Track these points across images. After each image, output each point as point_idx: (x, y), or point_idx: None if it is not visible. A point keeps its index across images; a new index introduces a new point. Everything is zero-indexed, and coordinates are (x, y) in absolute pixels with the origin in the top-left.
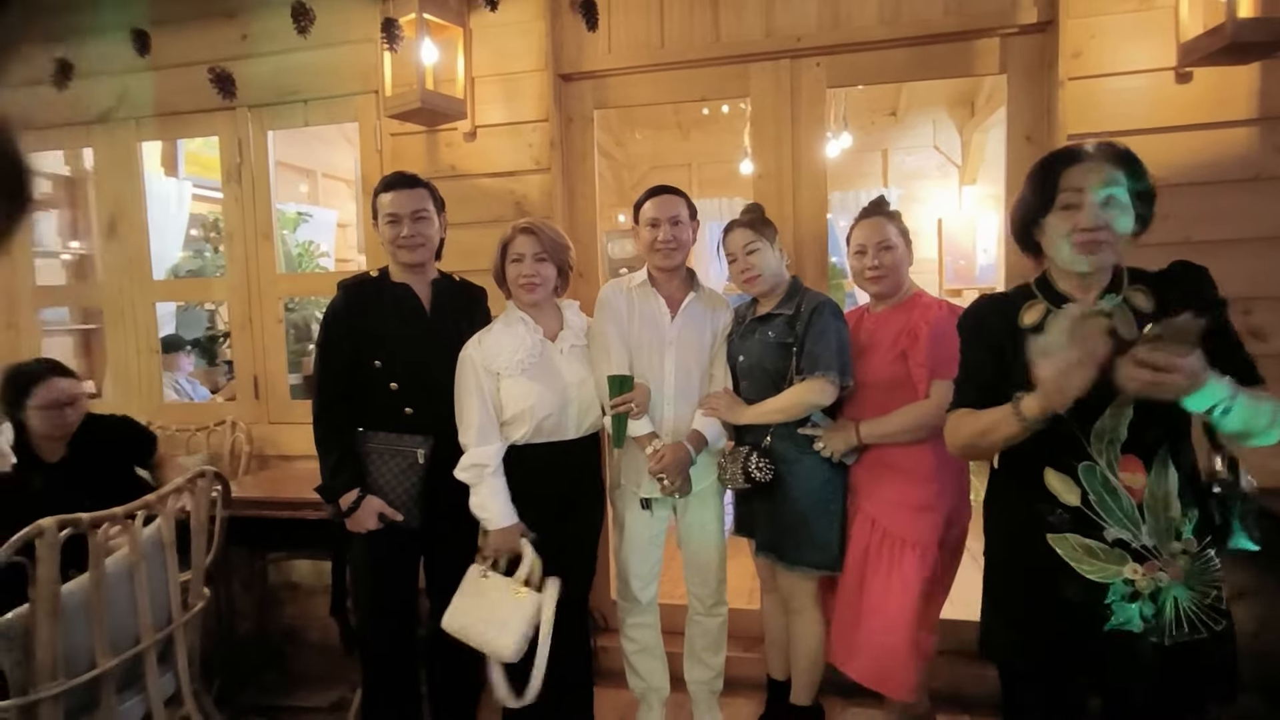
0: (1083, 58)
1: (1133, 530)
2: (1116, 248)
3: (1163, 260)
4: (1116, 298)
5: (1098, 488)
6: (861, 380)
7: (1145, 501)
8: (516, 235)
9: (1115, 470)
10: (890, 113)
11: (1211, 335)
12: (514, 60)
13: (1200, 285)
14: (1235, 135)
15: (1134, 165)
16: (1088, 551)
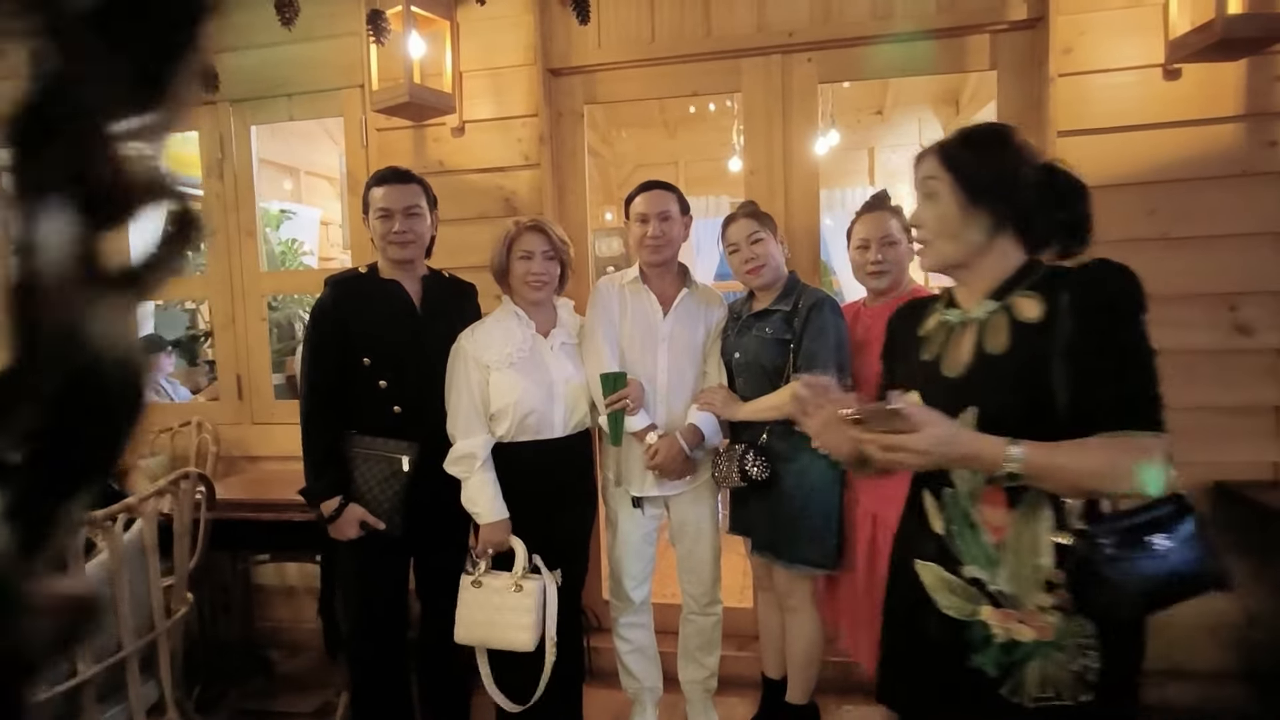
0: (1073, 54)
1: (988, 571)
2: (938, 248)
3: (1154, 257)
4: (995, 305)
5: (957, 518)
6: (858, 376)
7: (1007, 542)
8: (524, 232)
9: (976, 502)
10: (876, 111)
11: (1088, 353)
12: (503, 54)
13: (1105, 290)
14: (1222, 131)
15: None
16: (947, 585)
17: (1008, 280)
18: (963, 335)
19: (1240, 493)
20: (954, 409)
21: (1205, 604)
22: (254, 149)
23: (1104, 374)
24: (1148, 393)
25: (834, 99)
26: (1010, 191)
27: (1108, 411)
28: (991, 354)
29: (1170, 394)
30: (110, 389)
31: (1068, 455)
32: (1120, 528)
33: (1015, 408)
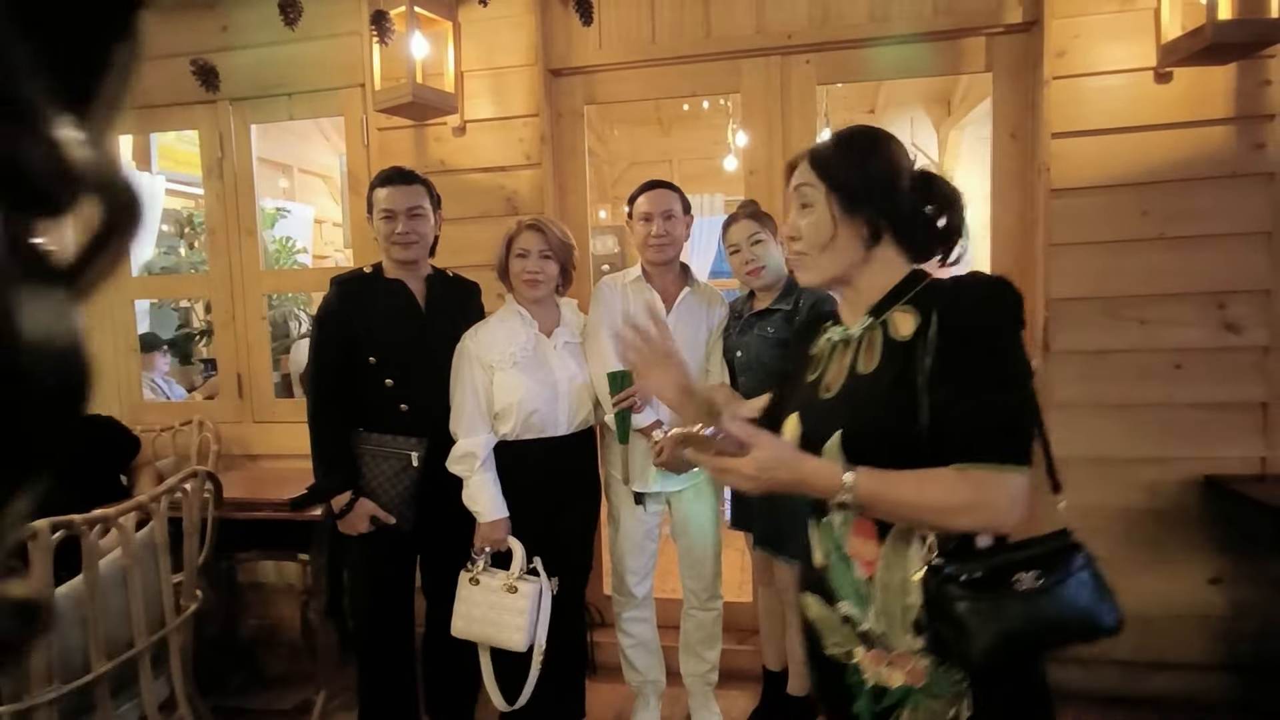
0: (1066, 57)
1: (860, 609)
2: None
3: (1147, 257)
4: (871, 321)
5: (832, 549)
6: None
7: (877, 577)
8: (523, 231)
9: (847, 532)
10: (869, 110)
11: (946, 376)
12: (504, 55)
13: (972, 307)
14: (1213, 134)
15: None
16: (828, 623)
17: (889, 294)
18: (843, 354)
19: (1228, 486)
20: (825, 432)
21: (1192, 596)
22: (254, 148)
23: (960, 399)
24: (1005, 423)
25: (827, 99)
26: (889, 198)
27: (960, 440)
28: (861, 373)
29: (1162, 391)
30: (45, 385)
31: (908, 487)
32: (984, 565)
33: (878, 431)
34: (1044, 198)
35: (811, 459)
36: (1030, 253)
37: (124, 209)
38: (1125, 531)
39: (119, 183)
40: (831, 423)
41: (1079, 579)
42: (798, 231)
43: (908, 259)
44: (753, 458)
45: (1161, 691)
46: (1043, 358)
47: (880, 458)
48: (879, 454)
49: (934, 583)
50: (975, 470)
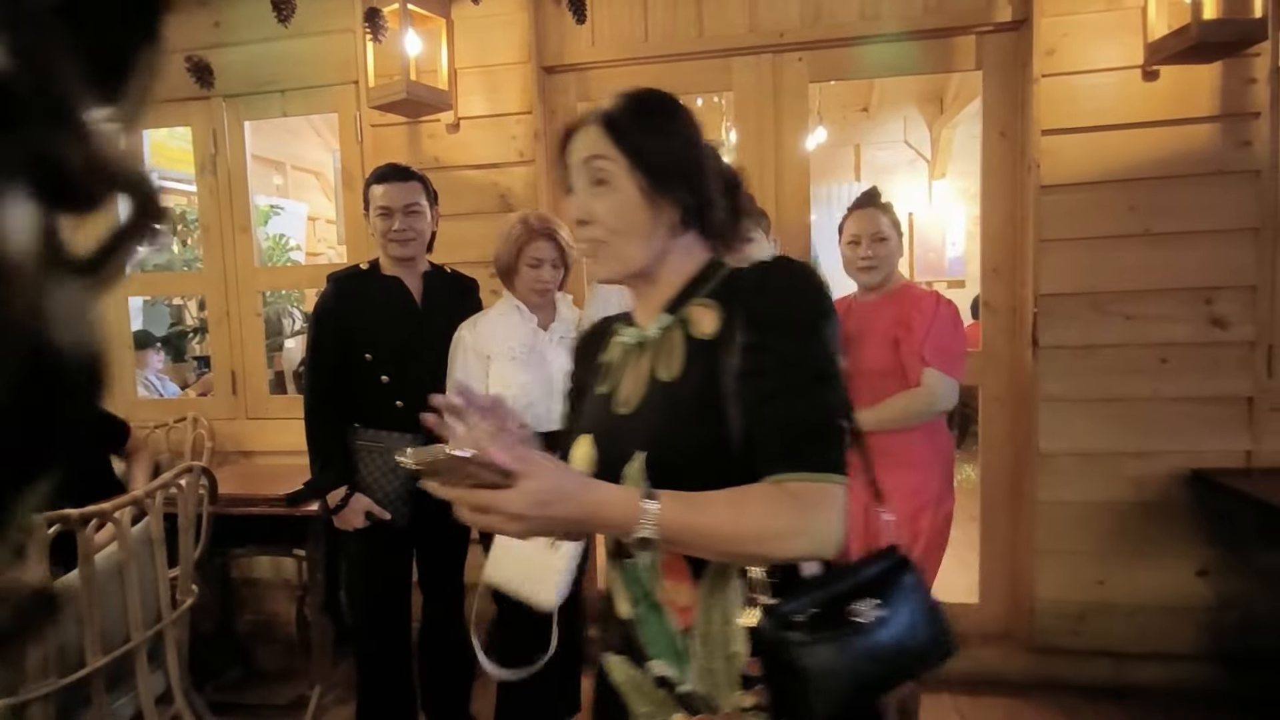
0: (1055, 55)
1: (676, 667)
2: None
3: (1135, 252)
4: (670, 319)
5: (640, 597)
6: (852, 369)
7: (695, 626)
8: (537, 239)
9: (657, 575)
10: (862, 109)
11: (752, 374)
12: (497, 52)
13: (776, 296)
14: (1199, 131)
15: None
16: (637, 686)
17: (687, 286)
18: (639, 360)
19: (1215, 480)
20: (624, 454)
21: (1180, 588)
22: (247, 145)
23: (771, 400)
24: (819, 426)
25: (821, 97)
26: (699, 175)
27: (773, 448)
28: (663, 381)
29: (1149, 385)
30: (67, 376)
31: (722, 511)
32: (818, 599)
33: (688, 448)
34: (1034, 194)
35: (601, 487)
36: (1020, 249)
37: (147, 205)
38: (1113, 525)
39: (144, 180)
40: (631, 442)
41: (915, 602)
42: (592, 214)
43: (706, 246)
44: (520, 490)
45: (1150, 682)
46: (1033, 353)
47: (693, 481)
48: (691, 476)
49: (770, 628)
50: (795, 481)
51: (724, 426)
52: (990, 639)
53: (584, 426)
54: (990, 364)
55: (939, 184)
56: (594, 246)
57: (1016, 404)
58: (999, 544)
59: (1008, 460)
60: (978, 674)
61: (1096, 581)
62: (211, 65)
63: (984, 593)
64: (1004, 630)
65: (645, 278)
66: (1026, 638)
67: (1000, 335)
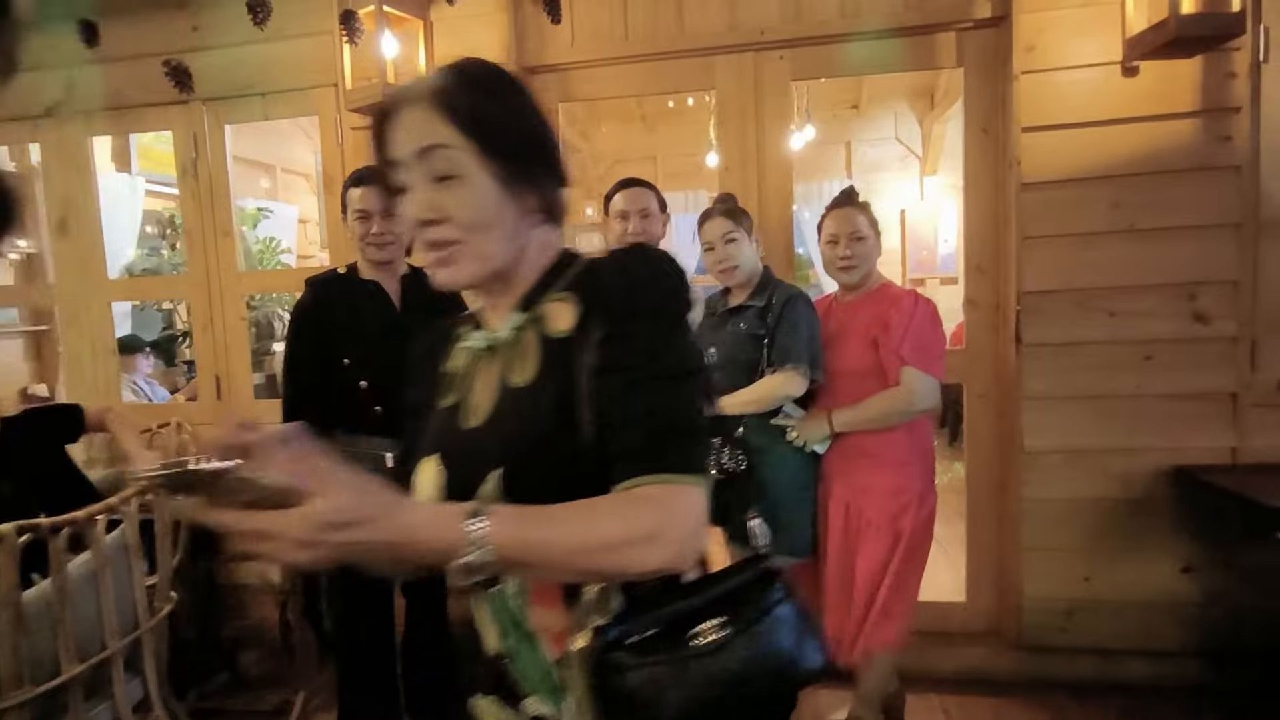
0: (1035, 52)
1: (552, 702)
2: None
3: (1118, 249)
4: (523, 318)
5: (509, 627)
6: (833, 369)
7: (570, 656)
8: None
9: (526, 600)
10: (852, 105)
11: (606, 370)
12: (476, 52)
13: (630, 286)
14: (1180, 127)
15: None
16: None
17: (541, 281)
18: (489, 366)
19: (1199, 476)
20: (477, 473)
21: (1165, 584)
22: (228, 148)
23: (627, 396)
24: (676, 423)
25: (810, 94)
26: (553, 153)
27: (629, 448)
28: (516, 387)
29: (1132, 382)
30: None
31: (568, 523)
32: (663, 617)
33: (548, 460)
34: (1015, 192)
35: (415, 506)
36: (1003, 246)
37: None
38: (1098, 522)
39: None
40: (484, 460)
41: (777, 616)
42: (442, 211)
43: (558, 233)
44: (306, 512)
45: (1136, 678)
46: (1016, 350)
47: (558, 497)
48: (555, 492)
49: (593, 651)
50: (651, 484)
51: (577, 434)
52: (977, 637)
53: (428, 446)
54: (974, 362)
55: (930, 180)
56: (445, 251)
57: (1001, 401)
58: (985, 542)
59: (993, 458)
60: (965, 672)
61: (1083, 579)
62: (190, 69)
63: (971, 591)
64: (991, 628)
65: (501, 277)
66: (1013, 636)
67: (984, 333)
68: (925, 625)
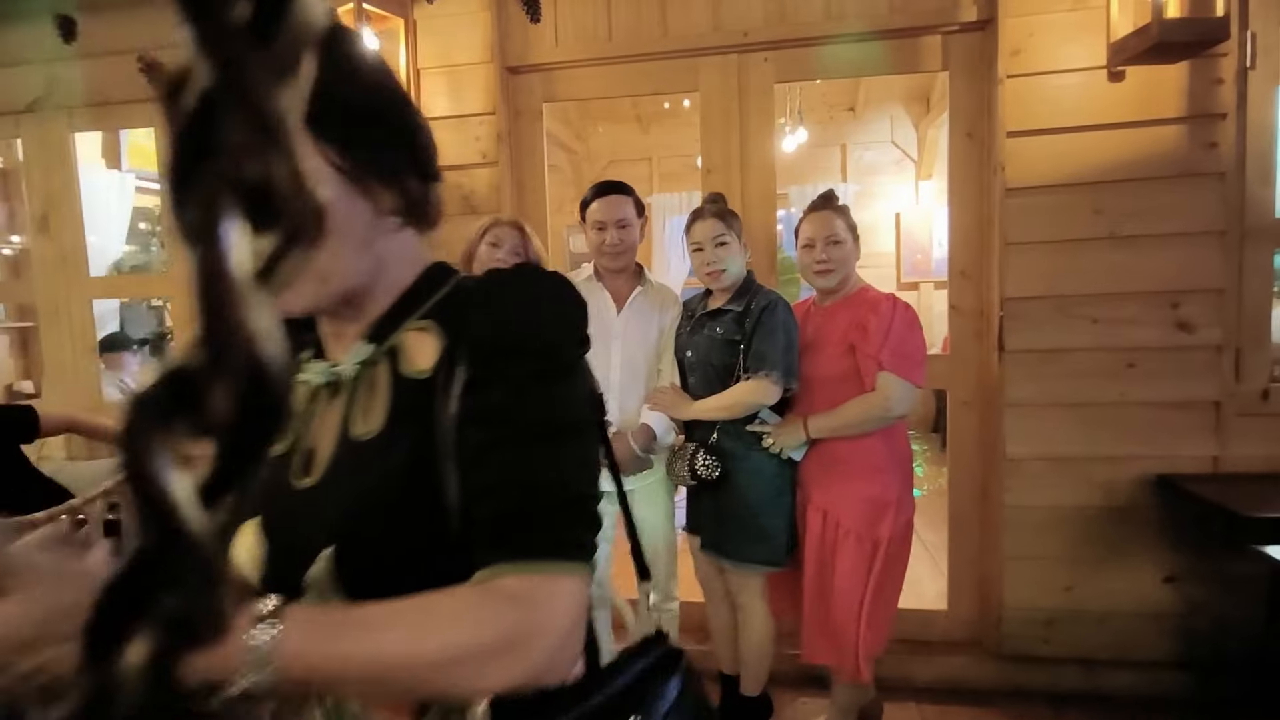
0: (1021, 56)
1: None
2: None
3: (1100, 256)
4: (371, 349)
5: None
6: (810, 375)
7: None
8: (502, 225)
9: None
10: (849, 108)
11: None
12: (460, 52)
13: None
14: (1166, 133)
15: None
16: None
17: (399, 303)
18: (329, 408)
19: (1181, 486)
20: (307, 548)
21: (1147, 594)
22: None
23: (484, 459)
24: (550, 495)
25: (804, 96)
26: (414, 138)
27: (485, 529)
28: (360, 439)
29: (1115, 390)
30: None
31: (389, 630)
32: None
33: (392, 537)
34: (999, 197)
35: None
36: (987, 251)
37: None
38: (1080, 530)
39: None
40: (314, 532)
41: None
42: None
43: (424, 245)
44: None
45: (1119, 689)
46: (999, 357)
47: (410, 587)
48: (400, 579)
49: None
50: (512, 576)
51: (448, 501)
52: (958, 646)
53: (250, 506)
54: (958, 368)
55: (926, 184)
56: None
57: (984, 408)
58: (967, 550)
59: (975, 465)
60: (945, 682)
61: (1064, 588)
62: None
63: (952, 599)
64: (972, 637)
65: (351, 300)
66: (994, 645)
67: (968, 339)
68: (906, 633)
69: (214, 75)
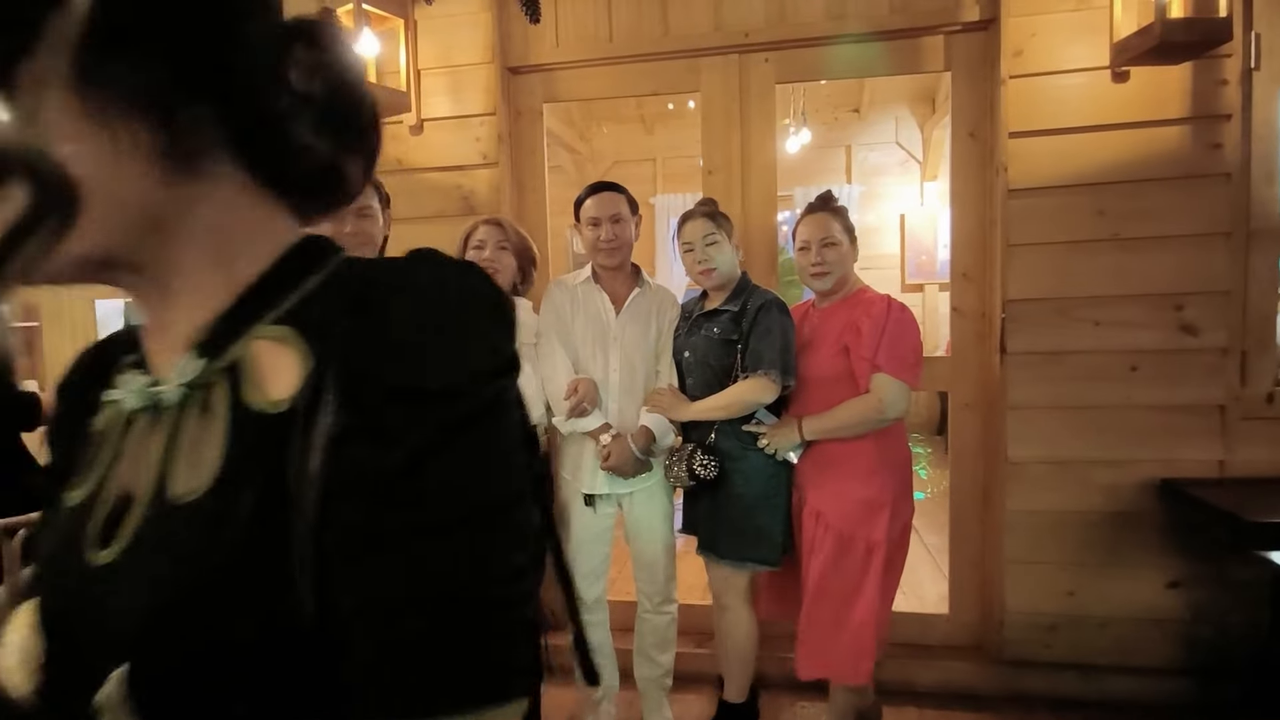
0: (1023, 56)
1: None
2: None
3: (1103, 258)
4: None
5: None
6: (806, 376)
7: None
8: (480, 225)
9: None
10: (854, 109)
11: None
12: (461, 52)
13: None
14: (1170, 134)
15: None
16: None
17: (245, 296)
18: (145, 443)
19: (1186, 491)
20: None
21: (1151, 600)
22: None
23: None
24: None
25: (809, 97)
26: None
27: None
28: (179, 501)
29: (1119, 393)
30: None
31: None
32: None
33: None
34: (1002, 198)
35: None
36: (989, 253)
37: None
38: (1083, 535)
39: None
40: (107, 634)
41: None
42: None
43: (288, 209)
44: None
45: (1122, 695)
46: (1001, 359)
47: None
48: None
49: None
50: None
51: (296, 602)
52: (959, 651)
53: (32, 581)
54: (959, 370)
55: (931, 186)
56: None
57: (986, 411)
58: (969, 554)
59: (977, 469)
60: (946, 686)
61: (1067, 593)
62: None
63: (954, 603)
64: (974, 642)
65: (138, 271)
66: (996, 650)
67: (970, 341)
68: (907, 637)
69: None
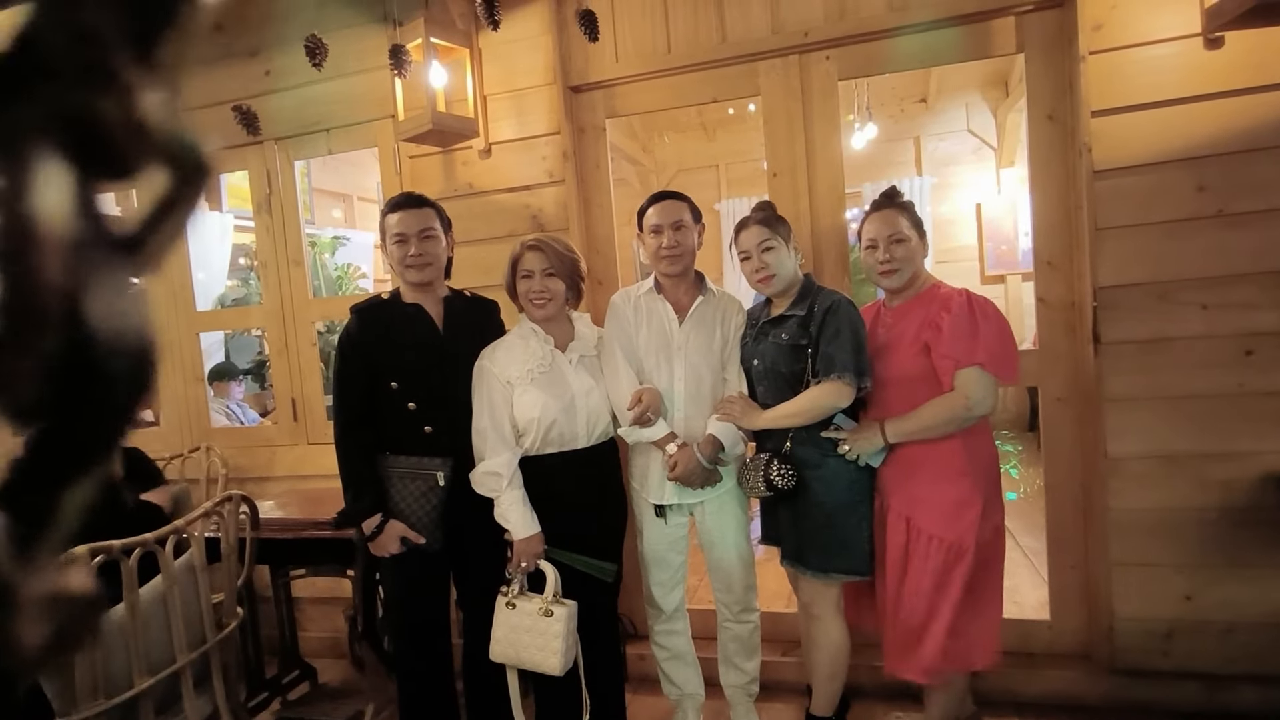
0: (1104, 30)
1: None
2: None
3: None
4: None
5: None
6: (884, 377)
7: None
8: (525, 252)
9: None
10: (920, 99)
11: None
12: (524, 76)
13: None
14: (1274, 99)
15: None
16: None
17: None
18: None
19: None
20: None
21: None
22: (297, 183)
23: None
24: None
25: (872, 91)
26: None
27: None
28: None
29: (1232, 380)
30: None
31: None
32: None
33: None
34: (1086, 180)
35: None
36: (1075, 239)
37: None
38: (1197, 534)
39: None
40: None
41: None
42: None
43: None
44: None
45: (1247, 706)
46: (1094, 350)
47: None
48: None
49: None
50: None
51: None
52: (1065, 659)
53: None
54: (1049, 364)
55: (1008, 172)
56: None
57: (1081, 405)
58: (1070, 556)
59: (1075, 466)
60: (1050, 697)
61: (1183, 597)
62: (261, 111)
63: (1055, 610)
64: (1080, 650)
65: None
66: (1106, 658)
67: (1059, 332)
68: (1006, 644)
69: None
